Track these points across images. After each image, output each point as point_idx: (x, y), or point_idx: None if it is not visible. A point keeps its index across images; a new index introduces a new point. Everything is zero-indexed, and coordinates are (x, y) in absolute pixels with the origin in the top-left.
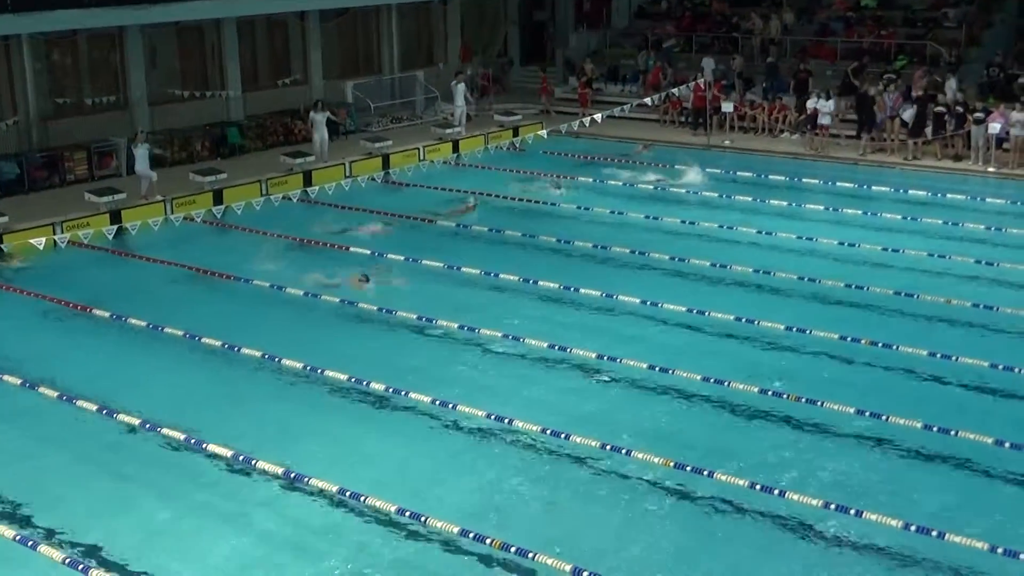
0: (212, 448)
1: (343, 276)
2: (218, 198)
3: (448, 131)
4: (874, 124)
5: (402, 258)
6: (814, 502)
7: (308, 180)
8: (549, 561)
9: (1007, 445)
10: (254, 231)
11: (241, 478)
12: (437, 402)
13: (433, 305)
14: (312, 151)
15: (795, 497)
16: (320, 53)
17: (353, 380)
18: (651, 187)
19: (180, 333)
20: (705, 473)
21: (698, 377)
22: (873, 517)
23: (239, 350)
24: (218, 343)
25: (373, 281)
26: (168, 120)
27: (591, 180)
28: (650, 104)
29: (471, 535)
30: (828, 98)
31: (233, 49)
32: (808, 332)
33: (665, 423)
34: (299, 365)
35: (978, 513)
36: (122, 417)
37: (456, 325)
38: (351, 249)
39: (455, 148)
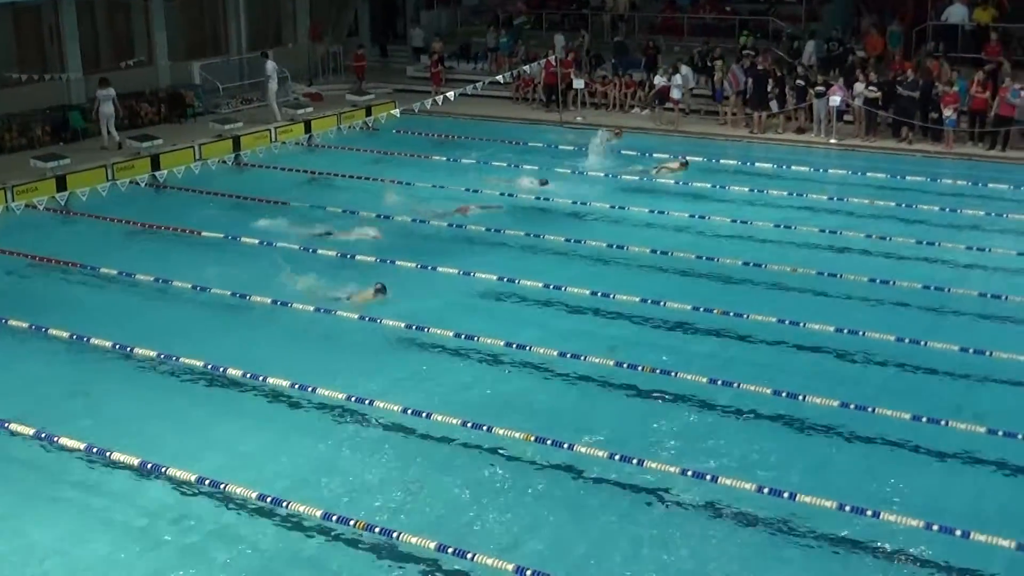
0: (63, 441)
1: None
2: (61, 184)
3: (299, 112)
4: (720, 98)
5: (256, 242)
6: (671, 469)
7: (156, 164)
8: (414, 540)
9: (852, 407)
10: (101, 218)
11: (94, 468)
12: (296, 385)
13: (287, 288)
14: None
15: (653, 465)
16: (165, 34)
17: (210, 367)
18: (504, 164)
19: (25, 326)
20: (565, 445)
21: (555, 352)
22: (728, 481)
23: (88, 340)
24: (66, 334)
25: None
26: (5, 104)
27: (445, 159)
28: (502, 82)
29: (335, 518)
30: (676, 72)
31: (72, 30)
32: (662, 304)
33: (524, 398)
34: (152, 353)
35: (827, 474)
36: None
37: (312, 308)
38: (203, 234)
39: (307, 129)
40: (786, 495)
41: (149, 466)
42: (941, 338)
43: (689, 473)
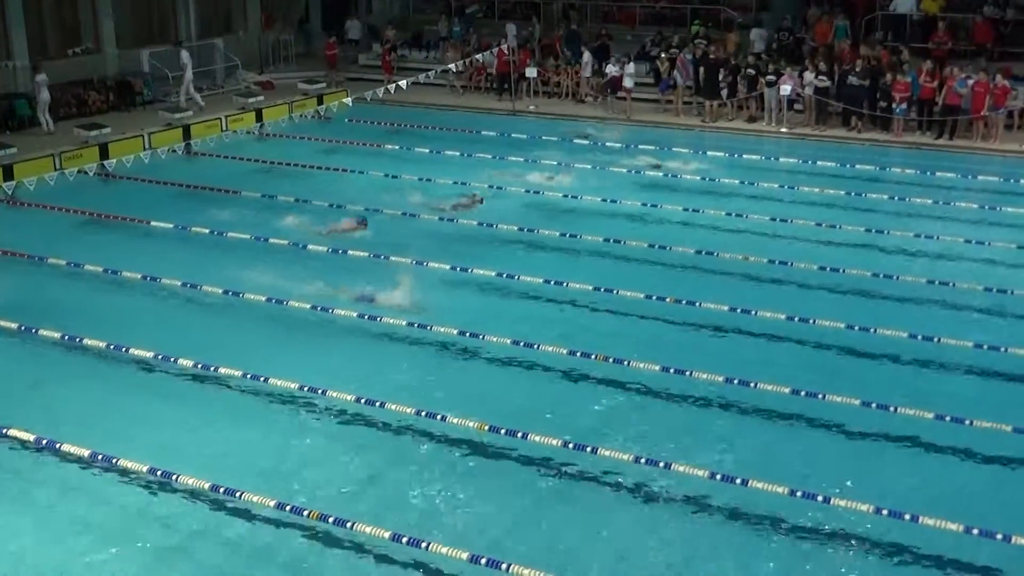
0: (13, 432)
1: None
2: (8, 174)
3: (250, 100)
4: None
5: (207, 231)
6: (625, 457)
7: (104, 153)
8: (368, 530)
9: (803, 393)
10: (49, 208)
11: (43, 460)
12: (248, 375)
13: (239, 277)
14: None
15: (607, 453)
16: (112, 21)
17: (161, 357)
18: (457, 154)
19: None
20: (519, 434)
21: (508, 341)
22: (680, 468)
23: (37, 331)
24: (14, 325)
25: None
26: None
27: (398, 148)
28: (454, 70)
29: (288, 507)
30: (630, 61)
31: (18, 16)
32: (615, 292)
33: (478, 387)
34: (102, 344)
35: (778, 460)
36: None
37: (264, 298)
38: (153, 223)
39: (258, 117)
40: (738, 481)
41: (100, 457)
42: (890, 325)
43: (642, 460)
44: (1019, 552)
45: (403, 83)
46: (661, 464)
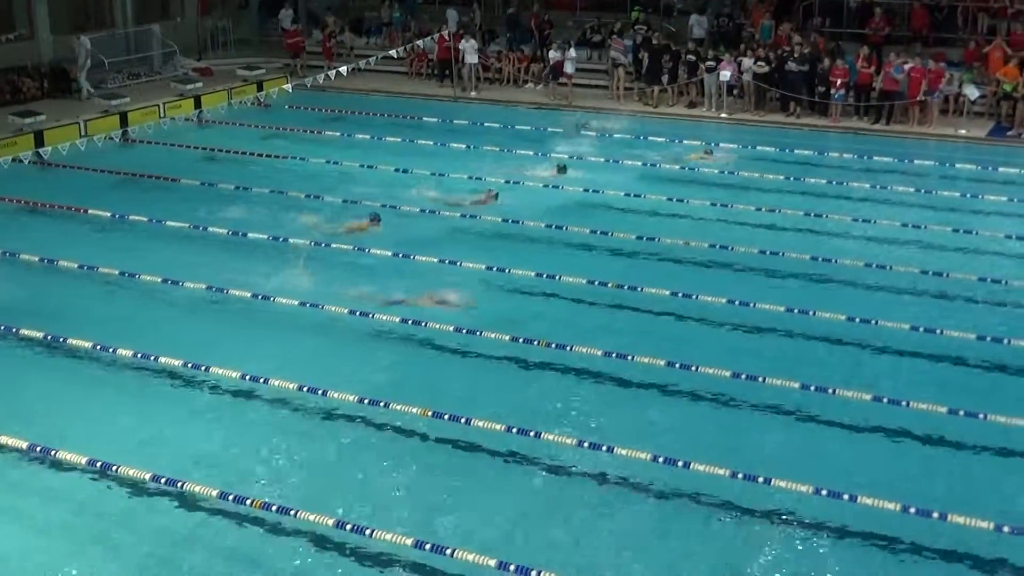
0: None
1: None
2: None
3: (188, 87)
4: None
5: (145, 219)
6: (569, 441)
7: (40, 140)
8: (312, 517)
9: (743, 376)
10: None
11: None
12: (189, 364)
13: (178, 265)
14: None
15: (551, 437)
16: (46, 6)
17: (98, 347)
18: (399, 140)
19: None
20: (463, 420)
21: (451, 328)
22: (623, 452)
23: None
24: None
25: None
26: None
27: (339, 134)
28: (395, 56)
29: (231, 497)
30: (571, 47)
31: None
32: (557, 278)
33: (420, 374)
34: (38, 335)
35: (719, 443)
36: None
37: (204, 286)
38: (90, 212)
39: (197, 104)
40: (680, 464)
41: (38, 449)
42: (829, 308)
43: (586, 444)
44: (954, 530)
45: (343, 69)
46: (604, 448)
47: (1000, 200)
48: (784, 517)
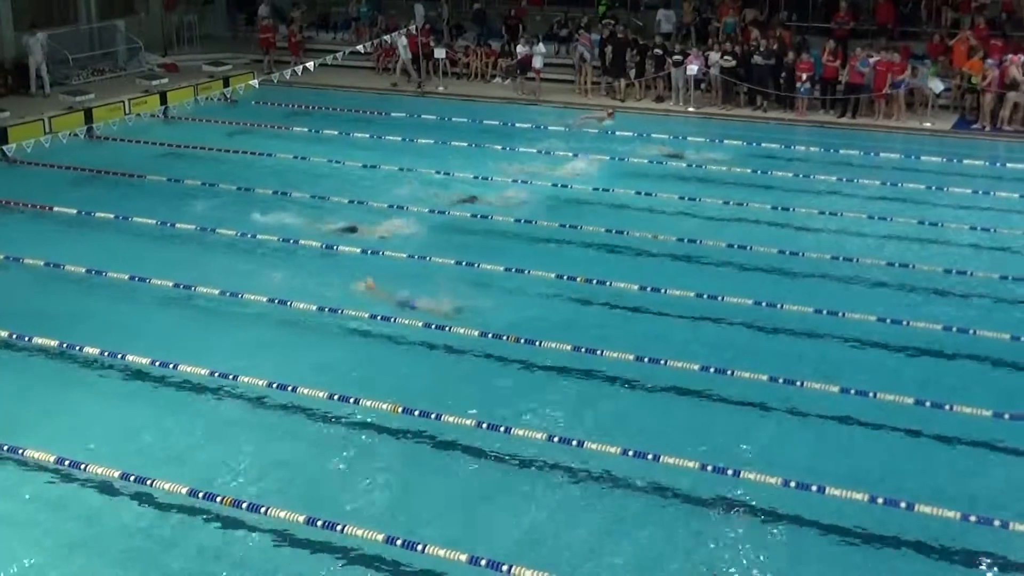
0: None
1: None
2: None
3: (154, 83)
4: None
5: (111, 216)
6: (539, 436)
7: (3, 137)
8: (283, 514)
9: (712, 370)
10: None
11: None
12: (157, 362)
13: (145, 262)
14: None
15: (521, 432)
16: (9, 3)
17: (65, 345)
18: (367, 136)
19: None
20: (433, 416)
21: (420, 323)
22: (594, 446)
23: None
24: None
25: None
26: None
27: (307, 130)
28: (363, 52)
29: (200, 495)
30: (539, 42)
31: None
32: (526, 272)
33: (390, 370)
34: (3, 333)
35: (690, 436)
36: None
37: (171, 283)
38: (56, 209)
39: (163, 100)
40: (650, 457)
41: (5, 448)
42: (797, 301)
43: (555, 439)
44: (922, 520)
45: (310, 65)
46: (575, 443)
47: (965, 192)
48: (753, 509)
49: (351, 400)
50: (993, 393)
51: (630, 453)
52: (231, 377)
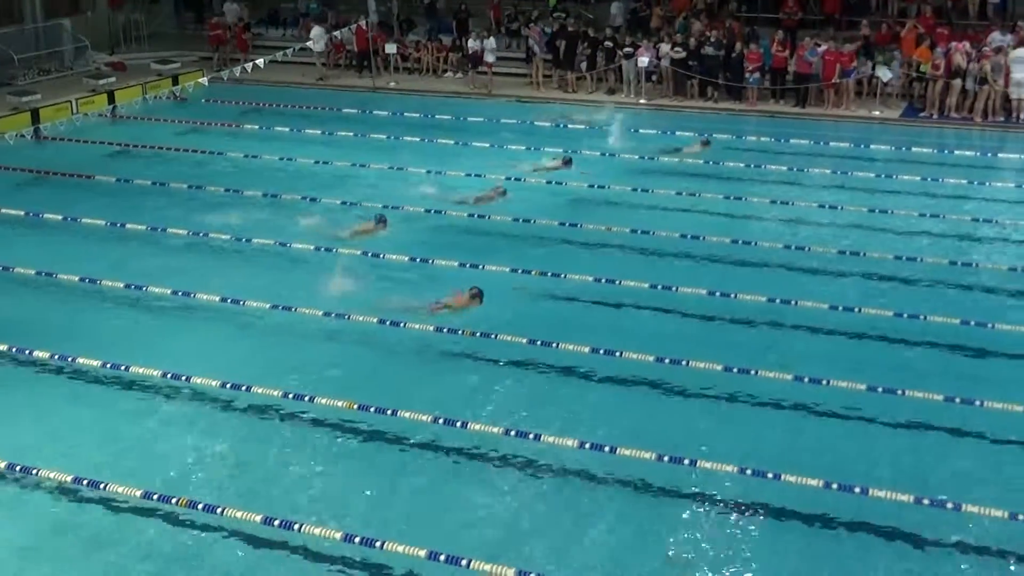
0: None
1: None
2: None
3: (101, 82)
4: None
5: (60, 218)
6: (495, 430)
7: None
8: (239, 514)
9: (667, 360)
10: None
11: None
12: (108, 364)
13: (96, 263)
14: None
15: (477, 427)
16: None
17: (14, 349)
18: (319, 132)
19: None
20: (388, 411)
21: (374, 320)
22: (550, 439)
23: None
24: None
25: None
26: None
27: (258, 128)
28: (313, 48)
29: (155, 496)
30: (489, 36)
31: None
32: (480, 267)
33: (345, 366)
34: None
35: (646, 426)
36: None
37: (122, 284)
38: (2, 211)
39: (111, 99)
40: (607, 449)
41: None
42: (750, 290)
43: (512, 433)
44: (876, 504)
45: (260, 62)
46: (531, 436)
47: (914, 180)
48: (710, 498)
49: (306, 398)
50: (944, 378)
51: (587, 445)
52: (184, 378)
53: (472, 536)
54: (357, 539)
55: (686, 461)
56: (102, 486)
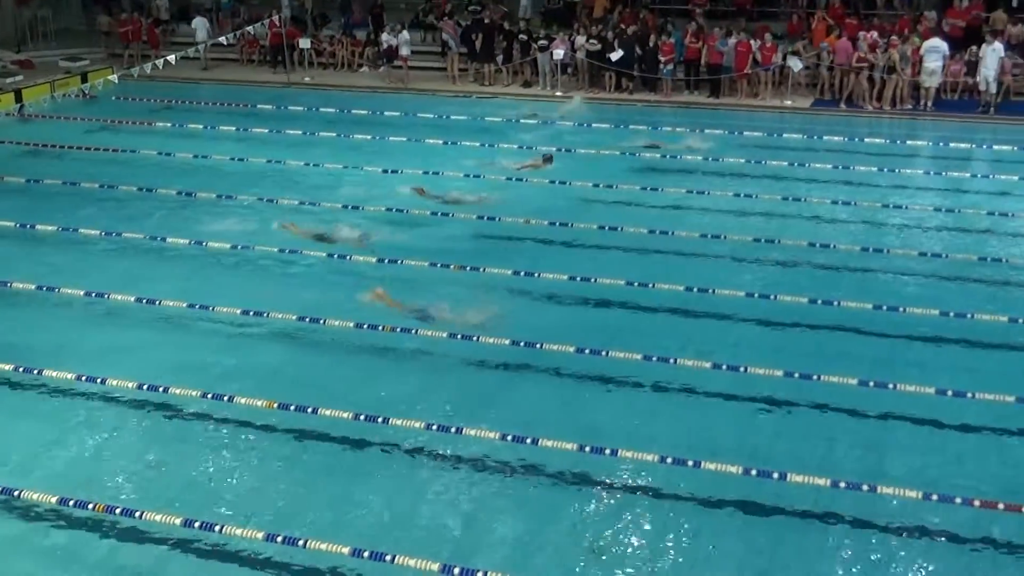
0: None
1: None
2: None
3: (8, 80)
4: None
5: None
6: (418, 424)
7: None
8: (159, 517)
9: (587, 351)
10: None
11: None
12: (21, 368)
13: (6, 267)
14: None
15: (399, 423)
16: None
17: None
18: (233, 129)
19: None
20: (309, 410)
21: (293, 317)
22: (472, 432)
23: None
24: None
25: None
26: None
27: (170, 125)
28: (226, 43)
29: (71, 502)
30: (404, 29)
31: None
32: (399, 262)
33: (264, 366)
34: None
35: (566, 417)
36: None
37: (33, 286)
38: None
39: (18, 98)
40: (528, 441)
41: None
42: (668, 279)
43: (434, 427)
44: (793, 489)
45: (171, 58)
46: (453, 430)
47: (826, 168)
48: (632, 487)
49: (225, 398)
50: (858, 362)
51: (509, 438)
52: (99, 380)
53: (396, 533)
54: (279, 538)
55: (607, 451)
56: (15, 492)
